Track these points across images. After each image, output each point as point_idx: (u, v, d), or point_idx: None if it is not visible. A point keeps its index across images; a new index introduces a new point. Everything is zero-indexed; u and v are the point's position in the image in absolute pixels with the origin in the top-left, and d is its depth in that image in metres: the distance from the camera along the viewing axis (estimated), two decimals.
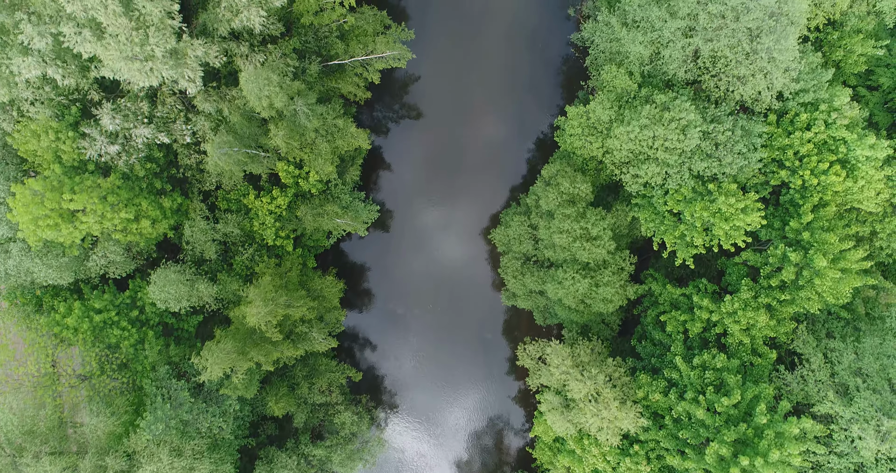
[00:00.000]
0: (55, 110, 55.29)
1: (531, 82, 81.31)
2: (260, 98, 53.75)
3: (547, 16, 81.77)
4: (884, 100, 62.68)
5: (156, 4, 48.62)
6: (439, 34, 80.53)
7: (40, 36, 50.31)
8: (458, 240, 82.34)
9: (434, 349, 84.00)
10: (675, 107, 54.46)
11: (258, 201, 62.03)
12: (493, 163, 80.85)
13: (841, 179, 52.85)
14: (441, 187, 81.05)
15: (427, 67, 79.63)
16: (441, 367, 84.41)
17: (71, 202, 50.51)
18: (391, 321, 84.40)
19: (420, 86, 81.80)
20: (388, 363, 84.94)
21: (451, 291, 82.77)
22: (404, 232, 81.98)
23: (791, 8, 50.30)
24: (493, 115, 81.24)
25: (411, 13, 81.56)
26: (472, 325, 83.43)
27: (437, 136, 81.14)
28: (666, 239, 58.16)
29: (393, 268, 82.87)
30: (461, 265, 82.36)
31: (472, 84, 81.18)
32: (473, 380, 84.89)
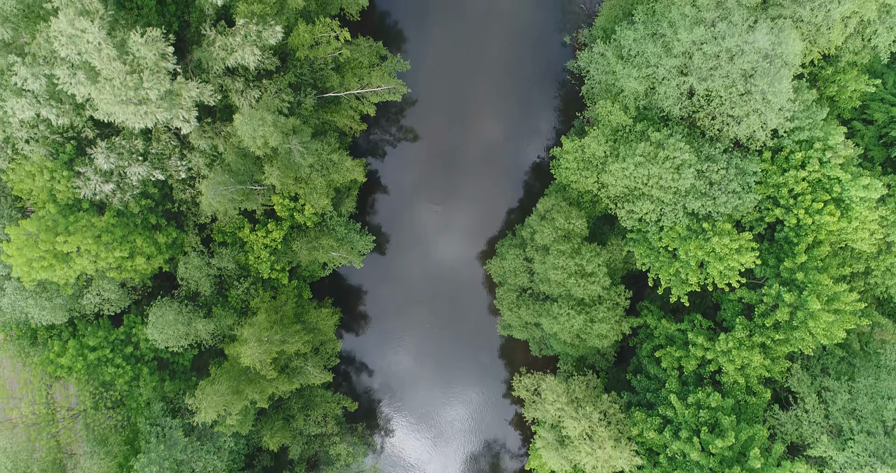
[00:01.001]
0: (50, 148, 55.25)
1: (528, 109, 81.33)
2: (254, 138, 53.73)
3: (544, 41, 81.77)
4: (878, 134, 62.72)
5: (150, 48, 48.65)
6: (435, 55, 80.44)
7: (34, 77, 50.35)
8: (456, 262, 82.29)
9: (431, 371, 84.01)
10: (669, 145, 54.50)
11: (253, 235, 61.98)
12: (490, 183, 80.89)
13: (835, 219, 52.87)
14: (439, 206, 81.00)
15: (424, 87, 79.55)
16: (438, 389, 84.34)
17: (65, 244, 50.44)
18: (388, 342, 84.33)
19: (416, 109, 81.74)
20: (383, 386, 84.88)
21: (447, 311, 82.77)
22: (400, 254, 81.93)
23: (785, 50, 50.33)
24: (489, 139, 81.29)
25: (408, 35, 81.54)
26: (469, 347, 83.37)
27: (432, 156, 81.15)
28: (661, 276, 58.18)
29: (388, 289, 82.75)
30: (458, 286, 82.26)
31: (468, 108, 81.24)
32: (470, 403, 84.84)
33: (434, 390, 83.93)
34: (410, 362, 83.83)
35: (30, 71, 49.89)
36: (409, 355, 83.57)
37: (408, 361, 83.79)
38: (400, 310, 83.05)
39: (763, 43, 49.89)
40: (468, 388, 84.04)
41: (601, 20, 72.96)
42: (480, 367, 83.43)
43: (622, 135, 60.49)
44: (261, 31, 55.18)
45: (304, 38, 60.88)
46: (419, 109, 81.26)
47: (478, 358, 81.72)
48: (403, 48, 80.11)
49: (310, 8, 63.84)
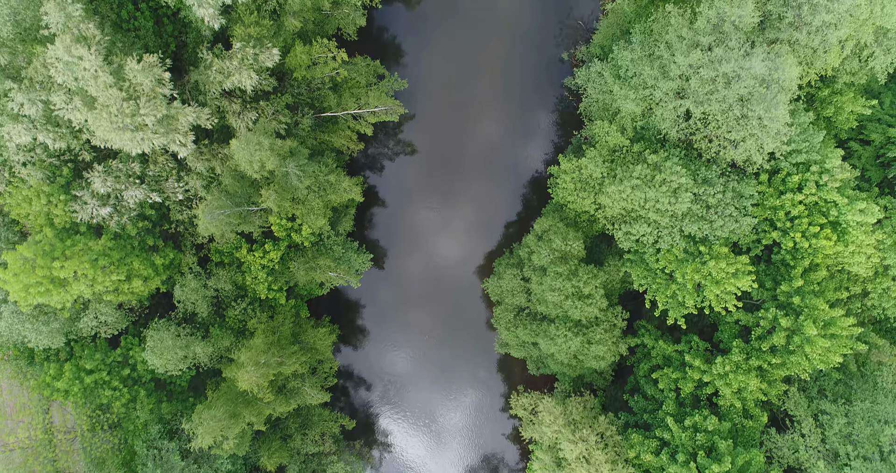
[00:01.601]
0: (47, 172, 55.27)
1: (526, 123, 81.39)
2: (251, 163, 53.74)
3: (542, 55, 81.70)
4: (876, 155, 62.74)
5: (146, 74, 48.66)
6: (433, 68, 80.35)
7: (31, 102, 50.35)
8: (456, 276, 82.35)
9: (428, 385, 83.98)
10: (666, 168, 54.51)
11: (251, 256, 61.97)
12: (489, 193, 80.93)
13: (832, 243, 52.89)
14: (436, 211, 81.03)
15: (422, 100, 79.56)
16: (436, 403, 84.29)
17: (62, 269, 50.45)
18: (385, 355, 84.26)
19: (414, 124, 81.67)
20: (381, 399, 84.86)
21: (446, 322, 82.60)
22: (398, 266, 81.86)
23: (782, 75, 50.33)
24: (487, 152, 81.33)
25: (406, 50, 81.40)
26: (467, 360, 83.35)
27: (430, 167, 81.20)
28: (658, 298, 58.20)
29: (386, 300, 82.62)
30: (457, 298, 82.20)
31: (466, 122, 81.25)
32: (469, 416, 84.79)
33: (432, 404, 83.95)
34: (408, 375, 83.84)
35: (26, 96, 49.91)
36: (406, 368, 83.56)
37: (405, 374, 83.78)
38: (398, 321, 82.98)
39: (759, 69, 49.88)
40: (466, 401, 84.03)
41: (599, 38, 73.06)
42: (479, 380, 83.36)
43: (619, 156, 60.53)
44: (257, 54, 55.25)
45: (301, 58, 60.95)
46: (417, 124, 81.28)
47: (476, 373, 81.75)
48: (402, 61, 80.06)
49: (307, 28, 63.87)
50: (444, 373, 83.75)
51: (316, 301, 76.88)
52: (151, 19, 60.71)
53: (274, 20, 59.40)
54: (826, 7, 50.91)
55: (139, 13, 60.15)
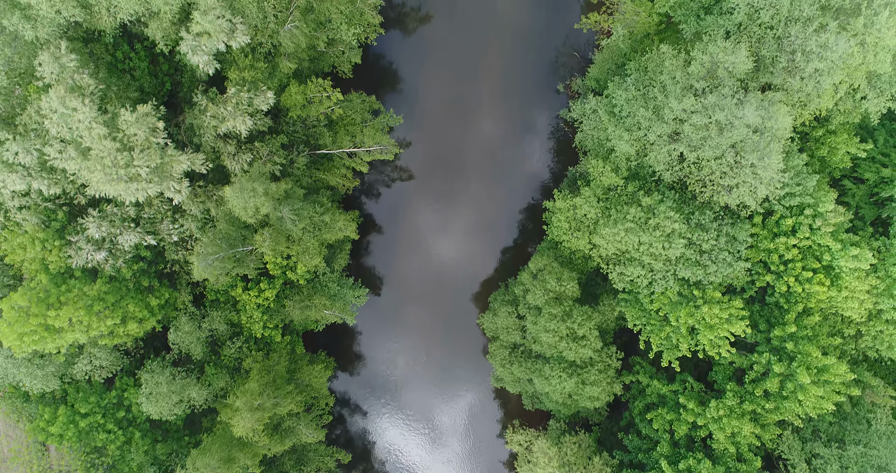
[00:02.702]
0: (42, 216, 55.35)
1: (521, 151, 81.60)
2: (246, 209, 53.82)
3: (539, 87, 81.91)
4: (869, 193, 62.84)
5: (140, 124, 48.74)
6: (428, 97, 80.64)
7: (25, 151, 50.44)
8: (450, 303, 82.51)
9: (425, 412, 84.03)
10: (660, 213, 54.62)
11: (246, 295, 62.08)
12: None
13: (825, 288, 53.00)
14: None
15: (417, 130, 79.91)
16: (432, 432, 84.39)
17: (56, 318, 50.54)
18: (381, 381, 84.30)
19: (410, 153, 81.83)
20: (378, 428, 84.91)
21: (442, 347, 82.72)
22: (391, 295, 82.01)
23: (775, 125, 50.46)
24: (482, 181, 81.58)
25: (403, 74, 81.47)
26: (463, 389, 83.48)
27: (428, 189, 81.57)
28: (652, 340, 58.31)
29: (382, 325, 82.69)
30: (452, 325, 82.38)
31: (461, 150, 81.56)
32: (468, 440, 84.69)
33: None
34: (405, 401, 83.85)
35: (21, 146, 50.01)
36: (402, 394, 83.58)
37: (402, 400, 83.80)
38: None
39: (752, 118, 49.99)
40: (463, 428, 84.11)
41: (594, 71, 73.23)
42: (472, 413, 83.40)
43: (614, 195, 60.67)
44: (252, 97, 55.37)
45: (296, 98, 61.08)
46: (412, 153, 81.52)
47: (471, 406, 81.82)
48: (399, 79, 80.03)
49: (302, 66, 63.98)
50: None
51: (311, 334, 76.95)
52: (147, 59, 60.87)
53: (269, 62, 59.50)
54: (819, 55, 51.08)
55: (134, 54, 60.31)
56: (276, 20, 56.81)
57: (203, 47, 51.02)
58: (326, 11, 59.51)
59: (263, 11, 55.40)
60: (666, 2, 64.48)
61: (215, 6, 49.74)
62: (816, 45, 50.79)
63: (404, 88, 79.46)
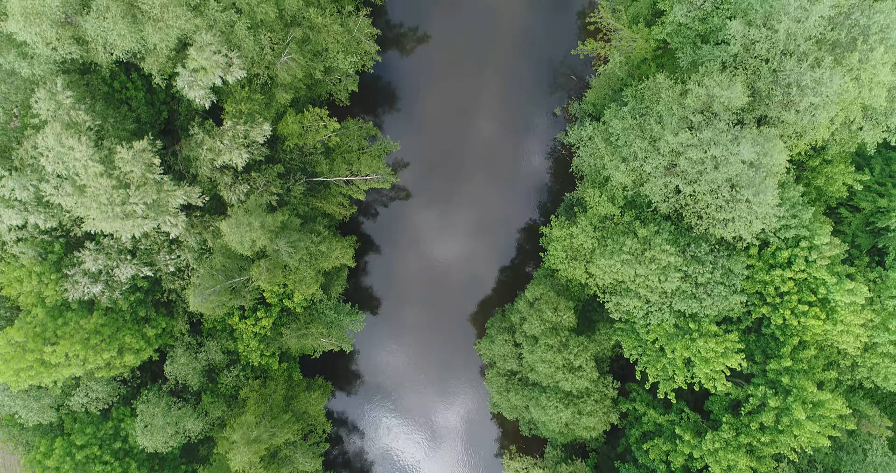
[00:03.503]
0: (38, 249, 55.39)
1: (519, 175, 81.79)
2: (242, 243, 53.87)
3: (537, 108, 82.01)
4: (865, 221, 62.89)
5: (136, 162, 48.78)
6: (424, 121, 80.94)
7: (22, 187, 50.47)
8: (446, 328, 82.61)
9: (423, 425, 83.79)
10: (655, 245, 54.69)
11: (243, 323, 62.15)
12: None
13: (821, 322, 53.06)
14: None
15: (416, 149, 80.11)
16: (431, 443, 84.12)
17: (53, 354, 50.58)
18: (380, 402, 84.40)
19: (408, 173, 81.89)
20: (376, 447, 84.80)
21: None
22: (388, 317, 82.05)
23: (770, 161, 50.54)
24: (478, 207, 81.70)
25: (401, 95, 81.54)
26: (459, 413, 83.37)
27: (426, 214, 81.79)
28: (648, 371, 58.38)
29: (379, 346, 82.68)
30: (449, 351, 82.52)
31: (458, 169, 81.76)
32: (465, 462, 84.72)
33: (428, 444, 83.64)
34: (402, 415, 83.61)
35: (18, 182, 50.04)
36: (400, 410, 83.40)
37: (400, 415, 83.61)
38: (391, 365, 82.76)
39: (748, 154, 50.06)
40: (460, 447, 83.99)
41: (591, 95, 73.38)
42: (469, 432, 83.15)
43: (610, 224, 60.74)
44: (248, 130, 55.42)
45: (292, 128, 61.16)
46: (410, 172, 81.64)
47: (469, 428, 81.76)
48: (397, 98, 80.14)
49: (299, 94, 64.08)
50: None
51: (307, 359, 77.02)
52: (143, 89, 60.95)
53: (265, 93, 59.59)
54: (813, 90, 51.15)
55: (131, 84, 60.38)
56: (273, 52, 56.92)
57: (199, 82, 51.10)
58: (323, 42, 59.65)
59: (260, 44, 55.52)
60: (662, 29, 64.68)
61: (211, 42, 49.83)
62: (811, 80, 50.88)
63: (401, 108, 79.73)
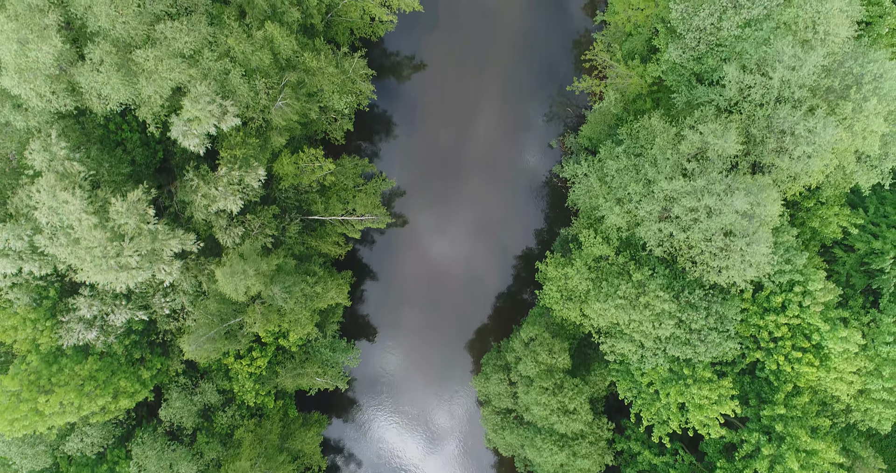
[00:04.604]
0: (34, 294, 55.41)
1: (516, 203, 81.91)
2: (237, 290, 53.91)
3: (534, 138, 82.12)
4: (860, 262, 62.93)
5: (130, 213, 48.84)
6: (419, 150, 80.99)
7: (16, 238, 50.52)
8: (440, 353, 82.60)
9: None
10: (650, 291, 54.75)
11: (238, 364, 62.20)
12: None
13: (814, 369, 53.14)
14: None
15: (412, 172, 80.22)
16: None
17: (47, 404, 50.61)
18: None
19: (406, 199, 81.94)
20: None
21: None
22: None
23: (764, 211, 50.61)
24: (474, 229, 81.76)
25: (397, 131, 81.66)
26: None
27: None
28: (643, 414, 58.45)
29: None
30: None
31: (455, 200, 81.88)
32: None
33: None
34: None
35: (12, 233, 50.10)
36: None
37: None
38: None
39: (741, 205, 50.11)
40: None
41: (587, 129, 73.43)
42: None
43: (605, 265, 60.81)
44: (243, 175, 55.49)
45: (288, 168, 61.23)
46: (407, 201, 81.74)
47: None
48: (393, 134, 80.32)
49: (294, 133, 64.11)
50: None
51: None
52: (138, 130, 60.98)
53: (260, 136, 59.64)
54: (807, 139, 51.24)
55: (126, 125, 60.41)
56: (268, 96, 56.97)
57: (193, 131, 51.18)
58: (318, 84, 59.68)
59: (255, 90, 55.58)
60: (658, 67, 64.79)
61: (206, 93, 49.90)
62: (805, 129, 50.99)
63: (398, 135, 79.71)
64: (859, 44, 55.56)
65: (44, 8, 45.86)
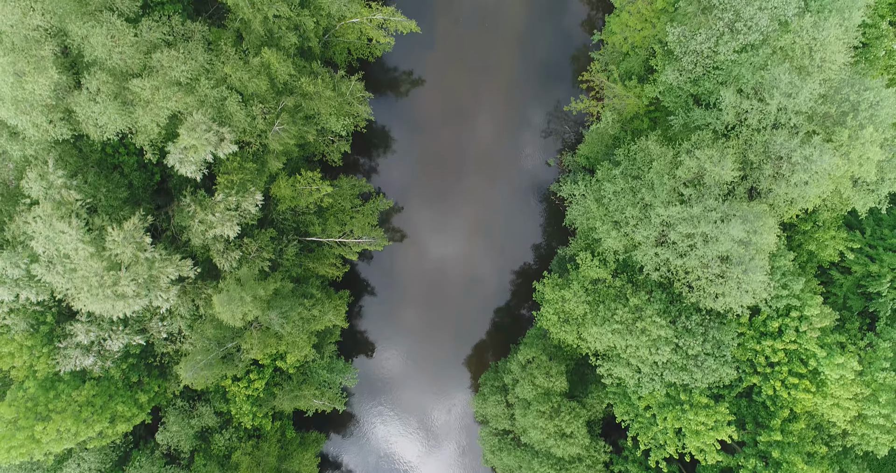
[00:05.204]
0: (31, 319, 55.41)
1: (512, 224, 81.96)
2: (234, 317, 53.93)
3: (531, 163, 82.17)
4: (857, 283, 62.98)
5: (127, 242, 48.83)
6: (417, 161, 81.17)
7: (13, 266, 50.50)
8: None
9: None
10: (646, 316, 54.80)
11: (235, 386, 62.22)
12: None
13: (811, 395, 53.21)
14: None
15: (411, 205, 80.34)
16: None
17: (44, 432, 50.62)
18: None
19: (404, 216, 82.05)
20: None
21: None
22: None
23: (759, 240, 50.65)
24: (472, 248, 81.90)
25: (396, 147, 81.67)
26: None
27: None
28: (640, 438, 58.53)
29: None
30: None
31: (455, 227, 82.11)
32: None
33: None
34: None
35: (8, 261, 50.08)
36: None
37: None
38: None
39: (737, 233, 50.15)
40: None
41: (584, 148, 73.42)
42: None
43: (602, 287, 60.84)
44: (240, 200, 55.47)
45: (285, 191, 61.21)
46: (407, 215, 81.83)
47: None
48: (393, 147, 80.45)
49: (291, 155, 64.10)
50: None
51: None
52: (135, 154, 60.90)
53: (257, 160, 59.61)
54: (803, 166, 51.27)
55: (123, 148, 60.35)
56: (265, 121, 56.94)
57: (190, 159, 51.17)
58: (315, 107, 59.66)
59: (252, 115, 55.55)
60: (655, 88, 64.79)
61: (202, 121, 49.88)
62: (801, 156, 51.00)
63: (394, 161, 79.71)
64: (856, 70, 55.61)
65: (40, 39, 45.83)
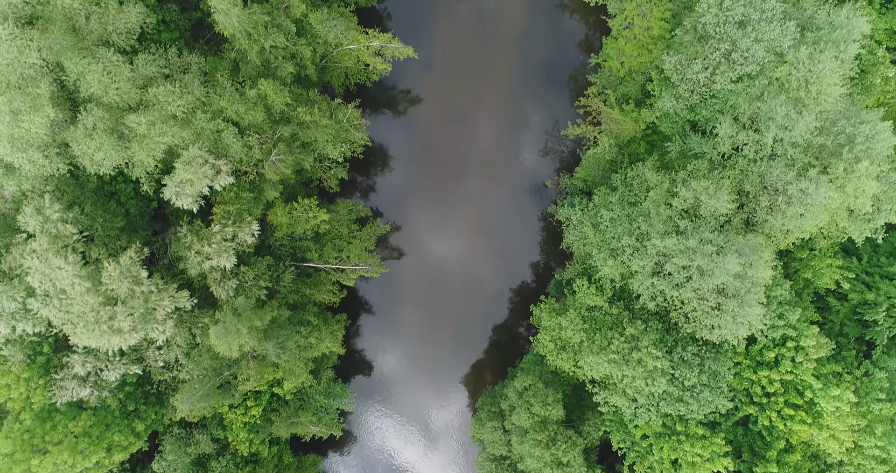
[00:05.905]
0: (28, 350, 55.48)
1: (513, 243, 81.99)
2: (230, 348, 54.00)
3: (528, 184, 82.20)
4: (853, 310, 62.99)
5: (123, 276, 48.91)
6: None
7: (10, 299, 50.59)
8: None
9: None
10: (642, 347, 54.82)
11: (232, 413, 62.28)
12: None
13: (807, 427, 53.24)
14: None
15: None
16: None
17: (40, 466, 50.71)
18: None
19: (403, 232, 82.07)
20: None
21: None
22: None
23: (755, 274, 50.68)
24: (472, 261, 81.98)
25: (394, 165, 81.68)
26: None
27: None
28: (637, 467, 58.56)
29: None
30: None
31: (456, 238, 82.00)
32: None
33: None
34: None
35: (5, 294, 50.15)
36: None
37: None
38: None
39: (733, 266, 50.19)
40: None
41: (581, 172, 73.43)
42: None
43: (599, 315, 60.87)
44: (237, 230, 55.52)
45: (282, 219, 61.29)
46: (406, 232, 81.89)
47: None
48: (388, 164, 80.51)
49: (288, 182, 64.16)
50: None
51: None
52: (132, 182, 60.93)
53: (254, 189, 59.67)
54: (800, 200, 51.30)
55: (121, 176, 60.40)
56: (262, 151, 57.01)
57: (187, 192, 51.24)
58: (312, 135, 59.74)
59: (248, 146, 55.62)
60: (652, 113, 64.85)
61: (198, 155, 49.94)
62: (797, 190, 51.03)
63: (390, 181, 79.73)
64: (852, 101, 55.62)
65: (36, 77, 45.90)
